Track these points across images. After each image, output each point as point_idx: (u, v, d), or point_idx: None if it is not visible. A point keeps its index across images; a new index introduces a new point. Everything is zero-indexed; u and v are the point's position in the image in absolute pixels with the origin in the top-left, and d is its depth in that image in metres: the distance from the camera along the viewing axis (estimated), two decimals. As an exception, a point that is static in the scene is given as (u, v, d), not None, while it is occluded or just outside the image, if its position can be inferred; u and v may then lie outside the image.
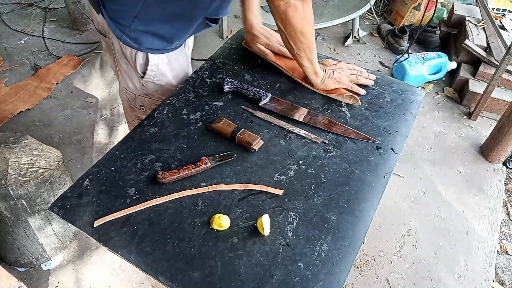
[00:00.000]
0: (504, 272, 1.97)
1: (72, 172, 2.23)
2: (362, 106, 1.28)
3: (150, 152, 1.10)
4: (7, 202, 1.58)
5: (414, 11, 3.29)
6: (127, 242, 0.92)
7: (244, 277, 0.86)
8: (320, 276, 0.86)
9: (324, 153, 1.13)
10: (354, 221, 0.97)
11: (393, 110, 1.28)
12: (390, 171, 1.10)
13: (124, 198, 0.99)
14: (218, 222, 0.93)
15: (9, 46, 3.15)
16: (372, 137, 1.18)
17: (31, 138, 1.77)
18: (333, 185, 1.05)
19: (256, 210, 0.98)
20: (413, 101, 1.32)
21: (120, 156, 1.09)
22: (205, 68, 1.39)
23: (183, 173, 1.02)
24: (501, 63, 2.38)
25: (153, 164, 1.07)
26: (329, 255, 0.90)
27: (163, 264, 0.88)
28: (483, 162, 2.43)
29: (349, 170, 1.09)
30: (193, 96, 1.28)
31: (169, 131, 1.16)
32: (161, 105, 1.25)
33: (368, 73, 1.37)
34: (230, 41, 1.52)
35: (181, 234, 0.93)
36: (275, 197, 1.01)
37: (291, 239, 0.93)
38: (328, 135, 1.18)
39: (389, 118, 1.25)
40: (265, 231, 0.91)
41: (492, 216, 2.15)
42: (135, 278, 1.84)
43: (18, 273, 1.86)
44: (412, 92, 1.36)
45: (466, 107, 2.79)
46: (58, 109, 2.66)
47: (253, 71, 1.39)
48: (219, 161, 1.07)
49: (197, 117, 1.21)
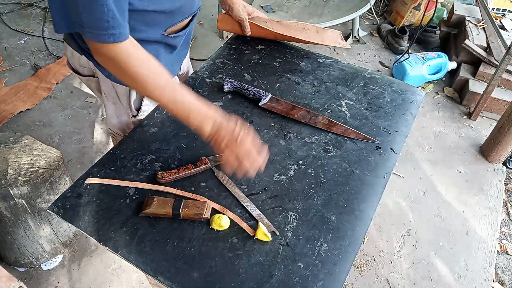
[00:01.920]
0: (504, 272, 1.97)
1: (72, 172, 2.23)
2: (362, 106, 1.28)
3: (150, 152, 1.10)
4: (7, 202, 1.58)
5: (414, 11, 3.29)
6: (127, 242, 0.92)
7: (243, 277, 0.86)
8: (319, 276, 0.87)
9: (324, 153, 1.13)
10: (354, 221, 0.97)
11: (393, 110, 1.28)
12: (390, 171, 1.10)
13: (124, 198, 0.99)
14: (218, 222, 0.93)
15: (9, 46, 3.15)
16: (372, 137, 1.18)
17: (31, 138, 1.77)
18: (332, 185, 1.05)
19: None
20: (413, 101, 1.32)
21: (120, 156, 1.09)
22: (205, 68, 1.39)
23: (183, 173, 1.02)
24: (501, 63, 2.38)
25: (153, 164, 1.07)
26: (328, 255, 0.90)
27: (162, 264, 0.88)
28: (483, 162, 2.43)
29: (349, 170, 1.09)
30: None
31: (169, 131, 1.16)
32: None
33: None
34: (230, 41, 1.53)
35: (180, 234, 0.93)
36: (275, 197, 1.01)
37: (291, 239, 0.93)
38: (328, 135, 1.18)
39: (389, 118, 1.25)
40: (269, 237, 0.91)
41: (492, 216, 2.15)
42: (135, 278, 1.84)
43: (18, 273, 1.86)
44: (412, 92, 1.36)
45: (466, 107, 2.79)
46: (58, 109, 2.66)
47: (252, 71, 1.39)
48: (219, 161, 1.07)
49: None
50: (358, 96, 1.32)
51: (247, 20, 1.43)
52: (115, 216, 0.96)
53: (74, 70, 1.28)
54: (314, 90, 1.33)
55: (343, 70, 1.42)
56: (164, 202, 0.94)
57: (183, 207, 0.93)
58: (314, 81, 1.37)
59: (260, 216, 0.96)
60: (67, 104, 2.70)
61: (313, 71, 1.41)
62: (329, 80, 1.38)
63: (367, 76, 1.41)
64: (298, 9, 3.15)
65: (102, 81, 1.19)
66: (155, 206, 0.94)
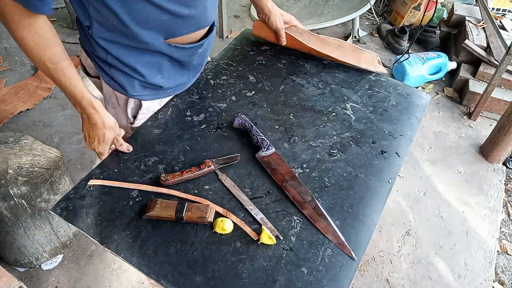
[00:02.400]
0: (504, 272, 1.98)
1: (72, 172, 2.23)
2: (367, 109, 1.27)
3: (153, 154, 1.10)
4: (7, 202, 1.58)
5: (414, 11, 3.29)
6: (130, 244, 0.91)
7: (246, 281, 0.86)
8: (323, 282, 0.86)
9: (328, 156, 1.12)
10: (358, 226, 0.97)
11: (398, 114, 1.27)
12: (395, 176, 1.09)
13: (127, 200, 0.99)
14: (221, 225, 0.92)
15: (9, 46, 3.14)
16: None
17: (31, 138, 1.76)
18: (337, 189, 1.04)
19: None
20: (418, 105, 1.32)
21: (123, 158, 1.09)
22: (209, 69, 1.38)
23: (186, 175, 1.02)
24: (501, 63, 2.38)
25: (156, 166, 1.07)
26: (332, 260, 0.90)
27: (165, 268, 0.88)
28: (483, 162, 2.44)
29: (353, 174, 1.08)
30: (197, 98, 1.27)
31: (172, 132, 1.16)
32: (165, 106, 1.24)
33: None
34: (234, 42, 1.51)
35: (183, 237, 0.93)
36: (279, 201, 1.00)
37: (295, 244, 0.92)
38: (333, 138, 1.16)
39: (394, 122, 1.24)
40: (273, 239, 0.91)
41: (492, 216, 2.15)
42: (135, 278, 1.84)
43: (18, 273, 1.86)
44: (417, 95, 1.35)
45: (466, 107, 2.79)
46: (58, 109, 2.65)
47: (257, 72, 1.38)
48: (222, 164, 1.06)
49: (201, 119, 1.20)
50: (363, 99, 1.31)
51: (283, 30, 1.41)
52: (118, 218, 0.96)
53: (86, 72, 1.29)
54: (319, 93, 1.32)
55: (348, 73, 1.41)
56: (167, 205, 0.94)
57: (186, 210, 0.93)
58: (319, 83, 1.36)
59: (264, 220, 0.96)
60: (67, 104, 2.68)
61: (318, 73, 1.39)
62: (334, 83, 1.36)
63: (372, 78, 1.40)
64: (298, 9, 3.14)
65: (104, 85, 1.19)
66: (158, 209, 0.93)
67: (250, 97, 1.29)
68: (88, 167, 2.27)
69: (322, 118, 1.24)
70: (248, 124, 1.15)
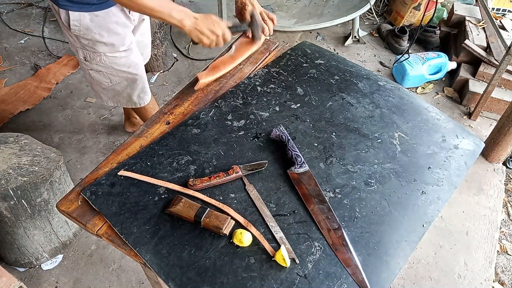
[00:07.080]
0: (504, 272, 1.97)
1: (72, 172, 2.23)
2: (415, 143, 1.17)
3: (187, 153, 1.09)
4: (7, 202, 1.58)
5: (414, 11, 3.29)
6: (147, 240, 0.91)
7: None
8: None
9: (364, 185, 1.04)
10: (381, 267, 0.90)
11: (448, 156, 1.16)
12: (431, 221, 1.00)
13: (153, 195, 0.99)
14: (239, 237, 0.90)
15: (9, 46, 3.15)
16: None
17: (31, 138, 1.77)
18: (367, 222, 0.97)
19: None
20: (471, 151, 1.19)
21: (158, 152, 1.08)
22: (259, 75, 1.34)
23: (214, 181, 1.01)
24: (501, 63, 2.38)
25: (188, 166, 1.06)
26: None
27: (176, 270, 0.87)
28: (483, 162, 2.43)
29: (387, 210, 1.00)
30: (241, 103, 1.24)
31: (210, 134, 1.14)
32: (208, 106, 1.22)
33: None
34: (290, 51, 1.45)
35: (200, 242, 0.91)
36: (302, 223, 0.95)
37: (310, 271, 0.88)
38: (373, 167, 1.09)
39: (442, 163, 1.14)
40: (287, 263, 0.87)
41: (492, 216, 2.15)
42: (135, 278, 1.84)
43: (18, 273, 1.86)
44: (471, 139, 1.23)
45: (466, 107, 2.79)
46: (58, 109, 2.65)
47: (306, 85, 1.32)
48: (250, 170, 1.05)
49: (241, 125, 1.18)
50: (413, 131, 1.21)
51: (250, 6, 1.45)
52: (141, 212, 0.95)
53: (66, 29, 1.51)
54: (367, 115, 1.23)
55: (403, 98, 1.31)
56: (190, 206, 0.96)
57: (205, 216, 0.93)
58: (370, 104, 1.27)
59: (283, 239, 0.92)
60: (67, 104, 2.69)
61: (371, 94, 1.31)
62: (386, 107, 1.27)
63: (428, 110, 1.28)
64: (298, 9, 3.15)
65: (57, 15, 1.45)
66: (180, 207, 0.95)
67: (294, 109, 1.24)
68: (89, 167, 2.28)
69: (366, 143, 1.15)
70: (285, 137, 1.11)
